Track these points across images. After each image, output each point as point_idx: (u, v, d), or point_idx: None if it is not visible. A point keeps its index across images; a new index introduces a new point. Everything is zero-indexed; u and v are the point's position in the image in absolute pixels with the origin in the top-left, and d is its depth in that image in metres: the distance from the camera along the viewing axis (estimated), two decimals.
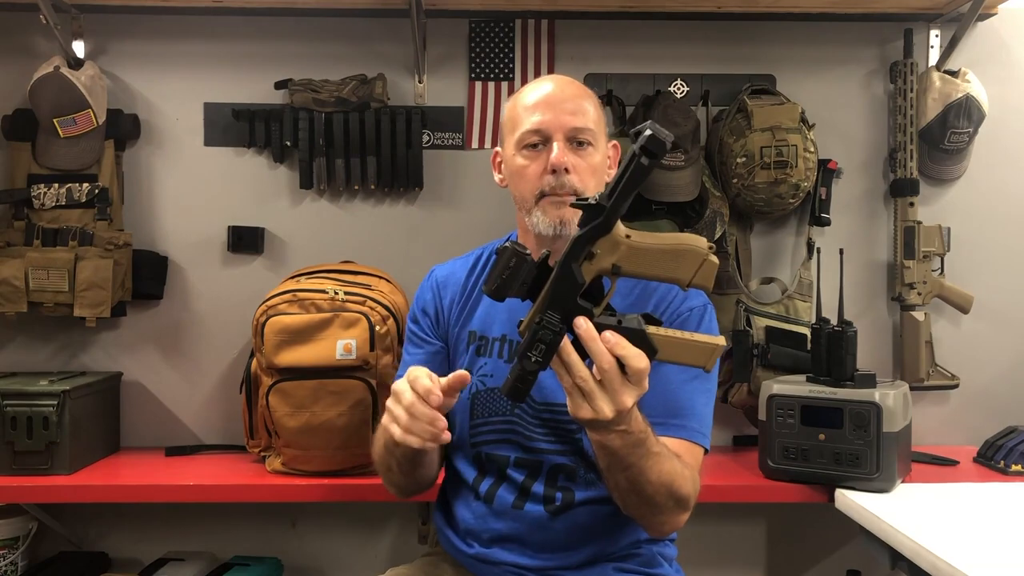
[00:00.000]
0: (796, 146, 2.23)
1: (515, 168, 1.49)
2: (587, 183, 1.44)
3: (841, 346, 1.97)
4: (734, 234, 2.35)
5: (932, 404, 2.41)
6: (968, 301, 2.38)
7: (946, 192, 2.45)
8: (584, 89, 1.53)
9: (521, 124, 1.48)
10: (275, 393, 1.97)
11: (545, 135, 1.45)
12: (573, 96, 1.48)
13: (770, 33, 2.42)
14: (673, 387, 1.40)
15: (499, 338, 1.53)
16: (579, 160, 1.45)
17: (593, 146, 1.47)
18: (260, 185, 2.39)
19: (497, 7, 2.36)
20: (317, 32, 2.38)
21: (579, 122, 1.45)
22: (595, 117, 1.49)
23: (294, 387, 1.95)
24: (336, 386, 1.95)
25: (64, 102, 2.22)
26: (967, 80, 2.36)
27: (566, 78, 1.56)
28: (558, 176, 1.43)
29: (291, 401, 1.96)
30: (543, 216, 1.45)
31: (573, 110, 1.46)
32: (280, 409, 1.97)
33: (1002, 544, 1.55)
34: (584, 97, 1.50)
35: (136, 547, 2.37)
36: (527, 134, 1.46)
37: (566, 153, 1.44)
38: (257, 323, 1.99)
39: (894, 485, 1.89)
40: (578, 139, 1.45)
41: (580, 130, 1.45)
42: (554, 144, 1.44)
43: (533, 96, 1.49)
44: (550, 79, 1.55)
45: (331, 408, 1.95)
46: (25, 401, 2.04)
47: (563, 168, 1.42)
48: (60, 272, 2.19)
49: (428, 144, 2.39)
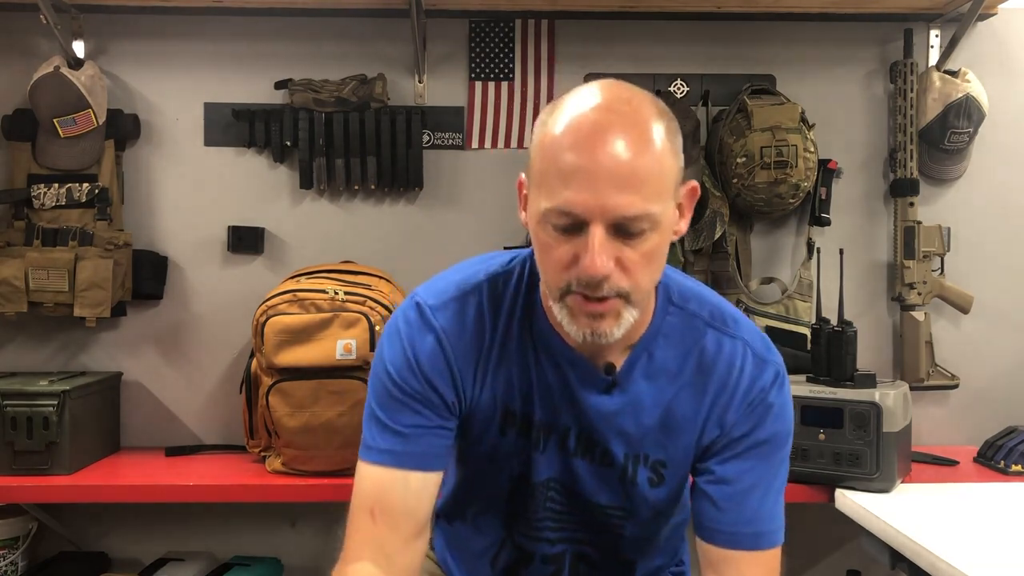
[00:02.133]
0: (796, 146, 2.23)
1: (539, 239, 1.06)
2: (638, 279, 1.03)
3: (841, 346, 1.97)
4: (734, 234, 2.35)
5: (932, 404, 2.41)
6: (968, 301, 2.38)
7: (946, 192, 2.45)
8: (647, 127, 1.02)
9: (550, 191, 1.02)
10: (275, 393, 1.99)
11: (580, 220, 1.01)
12: (633, 154, 0.99)
13: (770, 33, 2.42)
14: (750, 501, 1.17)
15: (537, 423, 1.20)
16: (629, 251, 1.02)
17: (653, 230, 1.02)
18: (260, 185, 2.39)
19: (497, 7, 2.36)
20: (317, 32, 2.38)
21: (632, 207, 0.99)
22: (659, 184, 1.02)
23: (294, 387, 1.97)
24: (336, 386, 1.96)
25: (64, 102, 2.22)
26: (967, 80, 2.36)
27: (626, 112, 1.03)
28: (592, 281, 1.01)
29: (291, 401, 1.97)
30: (570, 319, 1.06)
31: (624, 183, 0.99)
32: (280, 409, 1.98)
33: (1002, 544, 1.55)
34: (647, 148, 1.01)
35: (136, 547, 2.37)
36: (555, 213, 1.01)
37: (607, 249, 1.00)
38: (257, 323, 1.99)
39: (894, 485, 1.89)
40: (628, 229, 1.01)
41: (633, 219, 1.00)
42: (590, 238, 1.00)
43: (571, 151, 1.00)
44: (603, 113, 1.03)
45: (331, 408, 1.97)
46: (25, 401, 2.03)
47: (600, 276, 1.01)
48: (60, 272, 2.19)
49: (428, 144, 2.39)
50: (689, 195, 1.11)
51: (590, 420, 1.17)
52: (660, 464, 1.19)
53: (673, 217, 1.07)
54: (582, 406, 1.16)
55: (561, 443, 1.20)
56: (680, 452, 1.19)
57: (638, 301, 1.06)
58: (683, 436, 1.18)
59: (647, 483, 1.20)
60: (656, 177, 1.02)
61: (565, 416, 1.18)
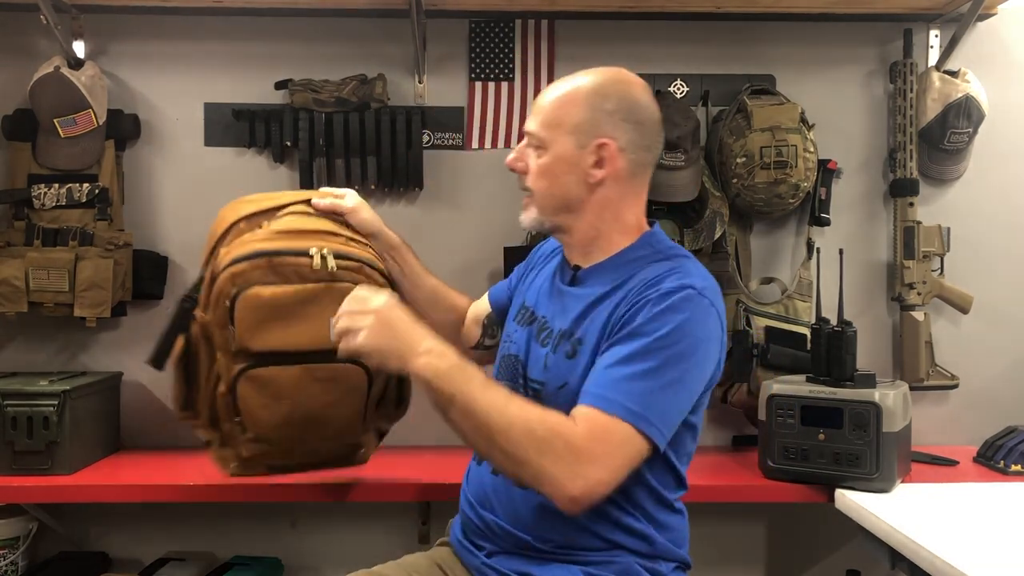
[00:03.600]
0: (796, 146, 2.23)
1: None
2: (536, 184, 1.49)
3: (841, 346, 1.97)
4: (734, 234, 2.35)
5: (932, 404, 2.41)
6: (968, 301, 2.39)
7: (946, 192, 2.45)
8: (566, 88, 1.48)
9: None
10: (246, 382, 1.60)
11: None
12: (545, 98, 1.50)
13: (770, 33, 2.42)
14: (601, 368, 1.35)
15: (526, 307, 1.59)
16: (531, 161, 1.49)
17: (542, 148, 1.47)
18: (260, 185, 2.37)
19: (497, 7, 2.36)
20: (317, 32, 2.38)
21: (529, 126, 1.50)
22: (552, 118, 1.46)
23: (273, 374, 1.59)
24: (325, 372, 1.59)
25: (64, 102, 2.22)
26: (967, 80, 2.36)
27: (571, 77, 1.51)
28: (519, 177, 1.53)
29: (268, 391, 1.61)
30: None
31: (534, 113, 1.50)
32: (252, 399, 1.61)
33: (1002, 544, 1.55)
34: (555, 99, 1.48)
35: (136, 547, 2.38)
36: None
37: (520, 154, 1.51)
38: (220, 293, 1.57)
39: (894, 485, 1.89)
40: (529, 142, 1.50)
41: (529, 134, 1.50)
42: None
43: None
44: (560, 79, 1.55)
45: (318, 398, 1.62)
46: (25, 401, 2.03)
47: (511, 169, 1.53)
48: (60, 272, 2.19)
49: (428, 144, 2.39)
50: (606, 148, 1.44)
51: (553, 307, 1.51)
52: (578, 341, 1.43)
53: (574, 155, 1.45)
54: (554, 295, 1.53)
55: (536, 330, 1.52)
56: (594, 334, 1.41)
57: (541, 204, 1.49)
58: (599, 319, 1.41)
59: (564, 356, 1.43)
60: (555, 109, 1.47)
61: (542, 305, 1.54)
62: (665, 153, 2.21)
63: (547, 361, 1.45)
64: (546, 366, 1.45)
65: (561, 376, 1.42)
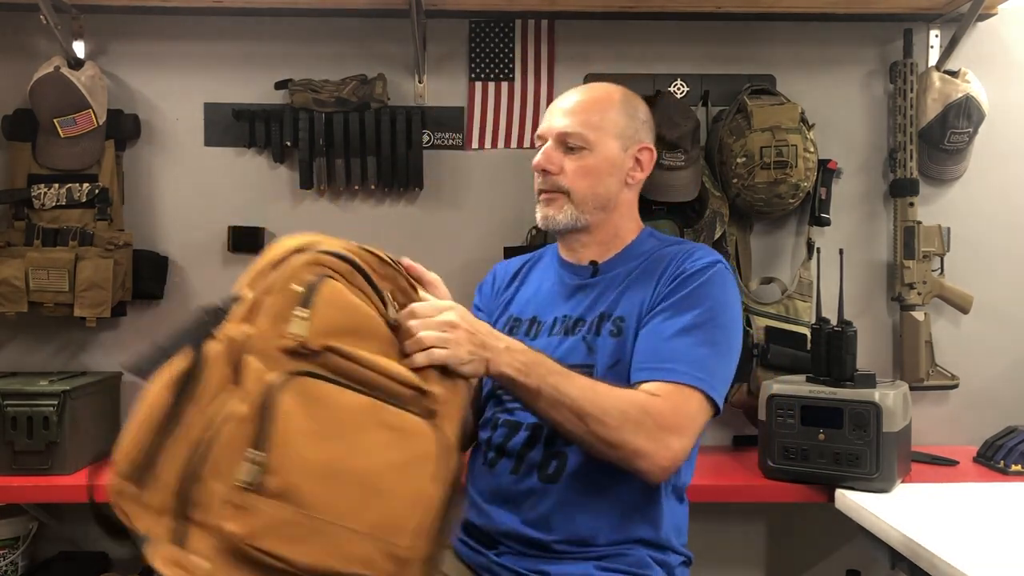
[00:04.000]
0: (796, 146, 2.23)
1: None
2: (577, 183, 1.55)
3: (841, 346, 1.96)
4: (734, 234, 2.35)
5: (932, 404, 2.41)
6: (968, 301, 2.39)
7: (946, 192, 2.45)
8: (599, 95, 1.60)
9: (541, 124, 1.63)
10: (296, 394, 1.07)
11: (544, 138, 1.59)
12: (578, 103, 1.58)
13: (770, 33, 2.42)
14: (661, 340, 1.43)
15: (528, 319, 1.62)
16: (569, 162, 1.55)
17: (587, 149, 1.55)
18: (260, 185, 2.39)
19: (497, 7, 2.36)
20: (317, 32, 2.38)
21: (567, 127, 1.55)
22: (596, 122, 1.55)
23: (334, 394, 1.09)
24: (394, 417, 1.12)
25: (64, 102, 2.22)
26: (967, 80, 2.36)
27: (591, 86, 1.65)
28: (543, 176, 1.57)
29: (321, 415, 1.07)
30: (538, 211, 1.60)
31: (567, 116, 1.56)
32: (297, 420, 1.06)
33: (1002, 544, 1.55)
34: (592, 103, 1.57)
35: (136, 547, 2.37)
36: (536, 139, 1.62)
37: (553, 155, 1.56)
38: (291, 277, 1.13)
39: (894, 485, 1.89)
40: (567, 144, 1.55)
41: (568, 135, 1.55)
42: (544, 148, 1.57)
43: (551, 106, 1.64)
44: (575, 89, 1.64)
45: (379, 452, 1.09)
46: (25, 401, 2.03)
47: (541, 170, 1.56)
48: (60, 272, 2.19)
49: (428, 144, 2.39)
50: (645, 153, 1.61)
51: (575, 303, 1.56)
52: (620, 319, 1.50)
53: (620, 157, 1.57)
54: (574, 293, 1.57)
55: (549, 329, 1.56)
56: (634, 312, 1.49)
57: (580, 202, 1.55)
58: (635, 298, 1.51)
59: (608, 334, 1.50)
60: (595, 113, 1.56)
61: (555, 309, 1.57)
62: (665, 153, 2.21)
63: (591, 345, 1.50)
64: (591, 349, 1.50)
65: (612, 355, 1.48)
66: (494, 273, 1.77)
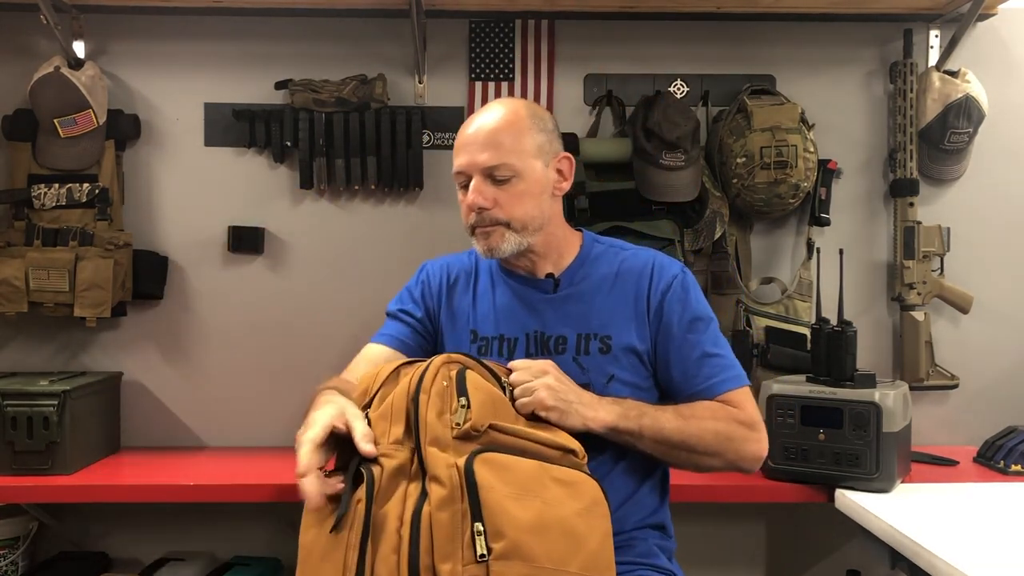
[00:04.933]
0: (796, 146, 2.23)
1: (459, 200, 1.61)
2: (513, 211, 1.53)
3: (841, 346, 1.97)
4: (734, 234, 2.35)
5: (932, 404, 2.41)
6: (968, 301, 2.39)
7: (946, 192, 2.45)
8: (511, 118, 1.56)
9: (454, 161, 1.59)
10: (485, 464, 1.21)
11: (467, 176, 1.56)
12: (491, 132, 1.54)
13: (770, 33, 2.42)
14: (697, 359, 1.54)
15: (496, 337, 1.60)
16: (501, 193, 1.53)
17: (517, 176, 1.53)
18: (260, 185, 2.39)
19: (497, 7, 2.36)
20: (317, 32, 2.38)
21: (491, 160, 1.52)
22: (515, 147, 1.53)
23: (510, 462, 1.24)
24: (562, 473, 1.27)
25: (64, 102, 2.22)
26: (967, 80, 2.36)
27: (498, 108, 1.59)
28: (479, 214, 1.54)
29: (511, 477, 1.22)
30: (476, 243, 1.58)
31: (485, 148, 1.53)
32: (497, 488, 1.19)
33: (1002, 544, 1.55)
34: (506, 129, 1.54)
35: (136, 547, 2.37)
36: (455, 175, 1.58)
37: (484, 190, 1.53)
38: (437, 375, 1.32)
39: (894, 485, 1.89)
40: (496, 176, 1.53)
41: (494, 168, 1.53)
42: (473, 185, 1.54)
43: (460, 136, 1.59)
44: (480, 114, 1.60)
45: (565, 502, 1.23)
46: (25, 401, 2.03)
47: (477, 207, 1.53)
48: (60, 272, 2.19)
49: (428, 144, 2.39)
50: (565, 162, 1.60)
51: (543, 319, 1.56)
52: (607, 337, 1.54)
53: (544, 175, 1.57)
54: (537, 307, 1.57)
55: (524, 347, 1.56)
56: (621, 326, 1.54)
57: (522, 228, 1.54)
58: (619, 315, 1.55)
59: (598, 351, 1.54)
60: (512, 138, 1.54)
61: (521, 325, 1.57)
62: (665, 153, 2.22)
63: (581, 364, 1.53)
64: (583, 368, 1.53)
65: (604, 372, 1.53)
66: (426, 272, 1.72)
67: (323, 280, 2.40)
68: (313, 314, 2.39)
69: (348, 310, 2.37)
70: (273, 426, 2.37)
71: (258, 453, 2.29)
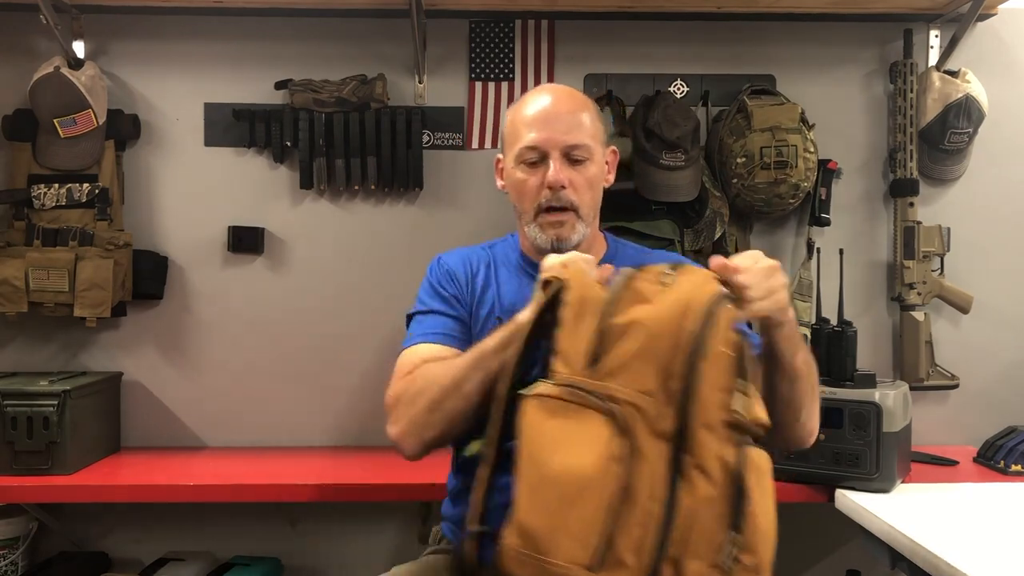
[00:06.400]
0: (796, 146, 2.23)
1: (515, 181, 1.54)
2: (583, 197, 1.50)
3: (841, 346, 1.97)
4: (734, 234, 2.35)
5: (932, 404, 2.41)
6: (968, 301, 2.38)
7: (946, 192, 2.45)
8: (582, 100, 1.57)
9: (520, 139, 1.52)
10: (753, 469, 1.13)
11: (542, 152, 1.50)
12: (570, 110, 1.52)
13: (770, 33, 2.42)
14: None
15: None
16: (576, 175, 1.50)
17: (590, 160, 1.51)
18: (260, 185, 2.39)
19: (497, 7, 2.36)
20: (317, 32, 2.38)
21: (574, 139, 1.49)
22: (591, 130, 1.53)
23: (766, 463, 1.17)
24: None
25: (64, 102, 2.22)
26: (967, 80, 2.36)
27: (565, 89, 1.60)
28: (555, 192, 1.48)
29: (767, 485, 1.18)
30: (540, 233, 1.51)
31: (569, 126, 1.50)
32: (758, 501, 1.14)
33: (1002, 544, 1.55)
34: (581, 110, 1.53)
35: (136, 547, 2.38)
36: (525, 150, 1.51)
37: (562, 170, 1.48)
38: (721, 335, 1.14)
39: (894, 485, 1.89)
40: (573, 156, 1.50)
41: (576, 147, 1.49)
42: (551, 162, 1.49)
43: (531, 110, 1.53)
44: (548, 91, 1.58)
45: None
46: (25, 401, 2.03)
47: (559, 186, 1.48)
48: (60, 272, 2.19)
49: (428, 144, 2.39)
50: (612, 155, 1.61)
51: None
52: None
53: (601, 166, 1.55)
54: None
55: None
56: None
57: (584, 216, 1.51)
58: None
59: None
60: (591, 124, 1.52)
61: None
62: (665, 153, 2.21)
63: None
64: None
65: None
66: (447, 264, 1.62)
67: (323, 280, 2.40)
68: (313, 314, 2.39)
69: (348, 310, 2.38)
70: (273, 426, 2.37)
71: (258, 453, 2.29)
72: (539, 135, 1.50)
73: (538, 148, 1.50)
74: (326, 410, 2.38)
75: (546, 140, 1.49)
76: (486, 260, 1.63)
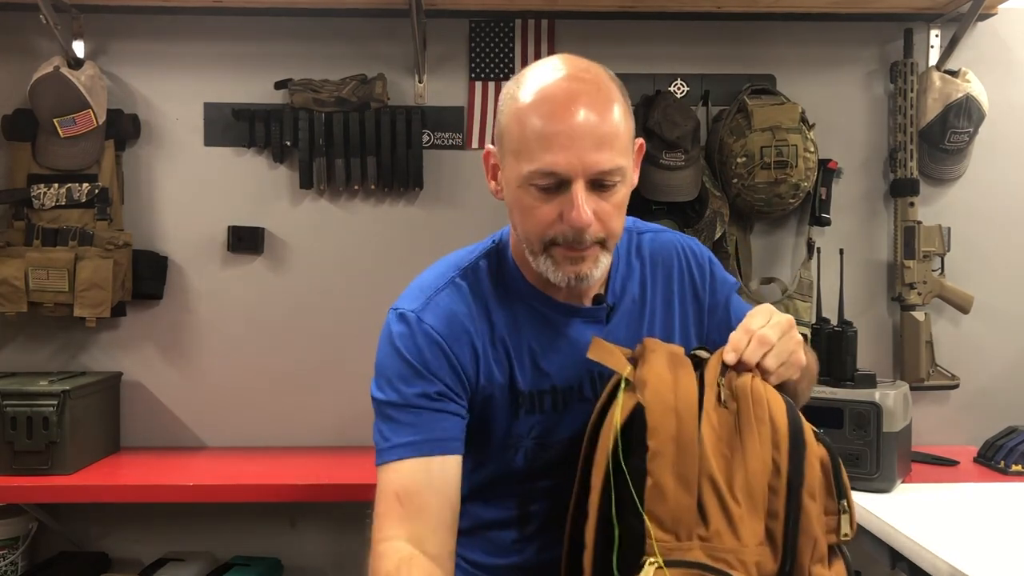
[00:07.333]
0: (796, 146, 2.23)
1: (521, 205, 1.16)
2: (612, 226, 1.15)
3: (841, 346, 1.96)
4: (734, 234, 2.35)
5: (932, 404, 2.41)
6: (968, 301, 2.38)
7: (946, 192, 2.45)
8: (608, 88, 1.16)
9: (531, 156, 1.11)
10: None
11: (560, 178, 1.11)
12: (600, 112, 1.11)
13: (770, 33, 2.42)
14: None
15: (548, 390, 1.26)
16: (603, 203, 1.13)
17: (623, 181, 1.14)
18: (260, 185, 2.39)
19: (497, 7, 2.36)
20: (317, 32, 2.38)
21: (607, 162, 1.10)
22: (625, 137, 1.15)
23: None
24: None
25: (64, 102, 2.22)
26: (967, 80, 2.36)
27: (588, 71, 1.17)
28: (578, 233, 1.12)
29: None
30: (553, 267, 1.16)
31: (598, 140, 1.10)
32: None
33: (1002, 544, 1.54)
34: (610, 103, 1.14)
35: (136, 547, 2.38)
36: (538, 175, 1.11)
37: (588, 201, 1.11)
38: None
39: (894, 485, 1.88)
40: (603, 182, 1.12)
41: (608, 173, 1.11)
42: (574, 191, 1.10)
43: (547, 116, 1.11)
44: (569, 81, 1.14)
45: None
46: (25, 401, 2.04)
47: (586, 225, 1.11)
48: (60, 272, 2.19)
49: (428, 144, 2.39)
50: (639, 151, 1.23)
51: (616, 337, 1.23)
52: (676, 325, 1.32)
53: (631, 179, 1.19)
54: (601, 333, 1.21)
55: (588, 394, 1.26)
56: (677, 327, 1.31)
57: (611, 246, 1.18)
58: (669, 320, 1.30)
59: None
60: (622, 134, 1.14)
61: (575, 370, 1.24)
62: (665, 153, 2.21)
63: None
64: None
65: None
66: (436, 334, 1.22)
67: (323, 280, 2.40)
68: (313, 314, 2.39)
69: (348, 310, 2.38)
70: (273, 426, 2.37)
71: (258, 453, 2.29)
72: (559, 157, 1.09)
73: (557, 175, 1.10)
74: (326, 410, 2.38)
75: (569, 165, 1.09)
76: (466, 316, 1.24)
